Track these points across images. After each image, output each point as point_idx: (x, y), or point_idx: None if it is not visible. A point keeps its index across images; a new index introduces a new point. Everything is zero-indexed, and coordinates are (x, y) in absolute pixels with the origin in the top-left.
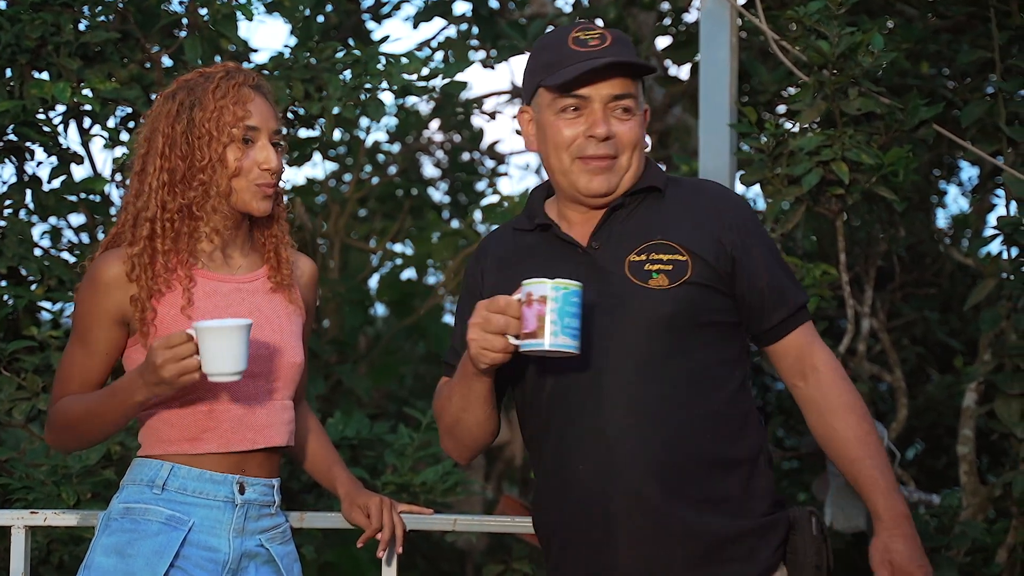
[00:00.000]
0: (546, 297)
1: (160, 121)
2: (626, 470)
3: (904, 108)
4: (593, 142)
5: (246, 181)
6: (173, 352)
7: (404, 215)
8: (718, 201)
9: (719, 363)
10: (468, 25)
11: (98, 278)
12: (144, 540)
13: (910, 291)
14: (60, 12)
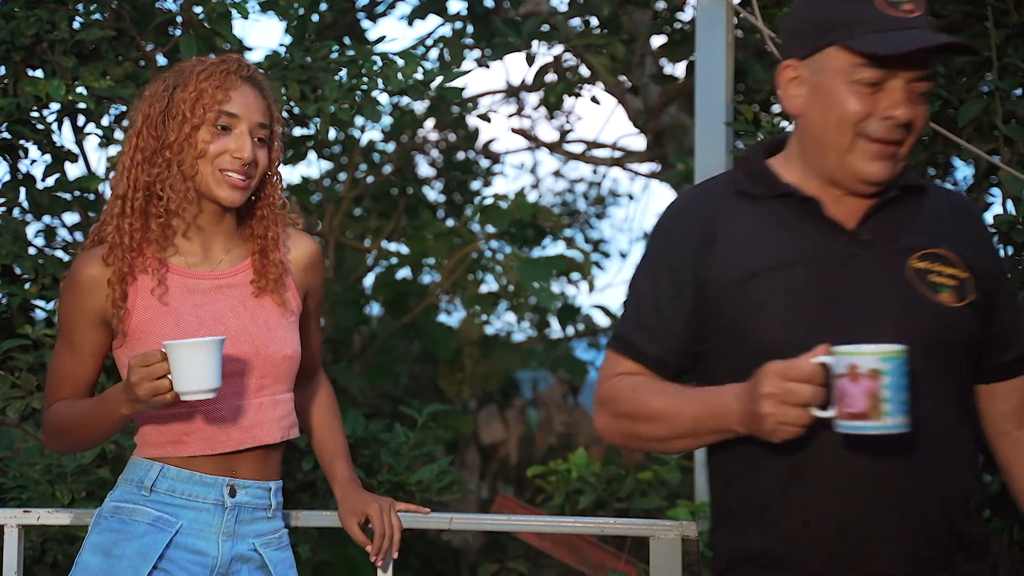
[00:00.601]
0: (878, 372)
1: (145, 102)
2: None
3: None
4: (888, 124)
5: (212, 166)
6: (148, 371)
7: (399, 214)
8: (979, 218)
9: (970, 395)
10: (463, 23)
11: (78, 278)
12: (130, 541)
13: None
14: (55, 9)
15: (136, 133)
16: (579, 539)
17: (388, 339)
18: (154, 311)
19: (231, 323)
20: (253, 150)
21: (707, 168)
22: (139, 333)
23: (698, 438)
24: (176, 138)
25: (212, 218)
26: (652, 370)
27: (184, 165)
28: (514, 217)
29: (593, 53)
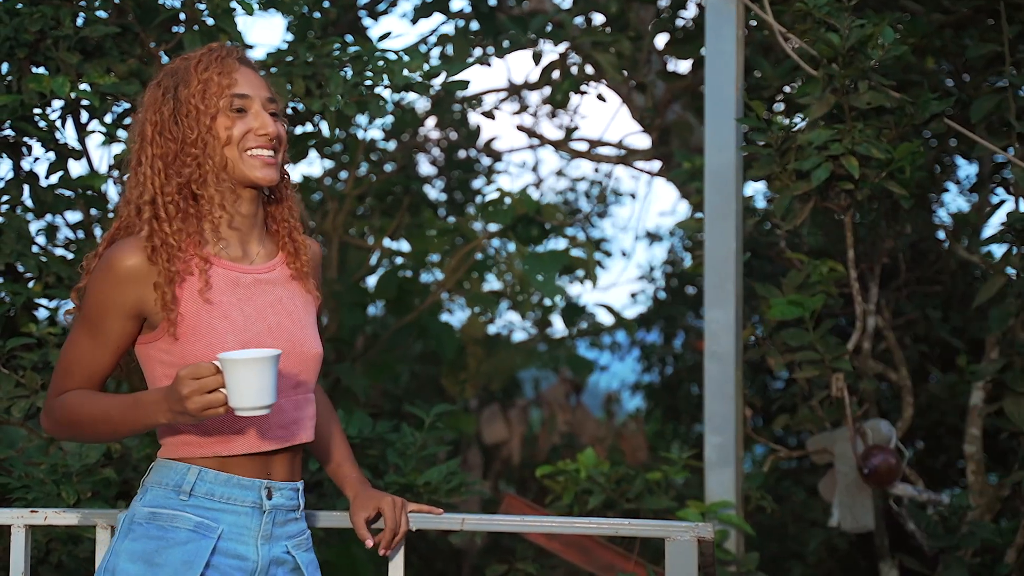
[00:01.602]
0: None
1: (148, 110)
2: None
3: (914, 102)
4: None
5: (239, 150)
6: (200, 384)
7: (402, 213)
8: None
9: None
10: (466, 21)
11: (116, 267)
12: (172, 548)
13: (914, 289)
14: (60, 6)
15: (149, 142)
16: (588, 540)
17: (390, 338)
18: (200, 306)
19: (271, 319)
20: (273, 123)
21: (716, 165)
22: (190, 332)
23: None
24: (197, 134)
25: (250, 207)
26: None
27: (215, 158)
28: (518, 213)
29: (600, 50)
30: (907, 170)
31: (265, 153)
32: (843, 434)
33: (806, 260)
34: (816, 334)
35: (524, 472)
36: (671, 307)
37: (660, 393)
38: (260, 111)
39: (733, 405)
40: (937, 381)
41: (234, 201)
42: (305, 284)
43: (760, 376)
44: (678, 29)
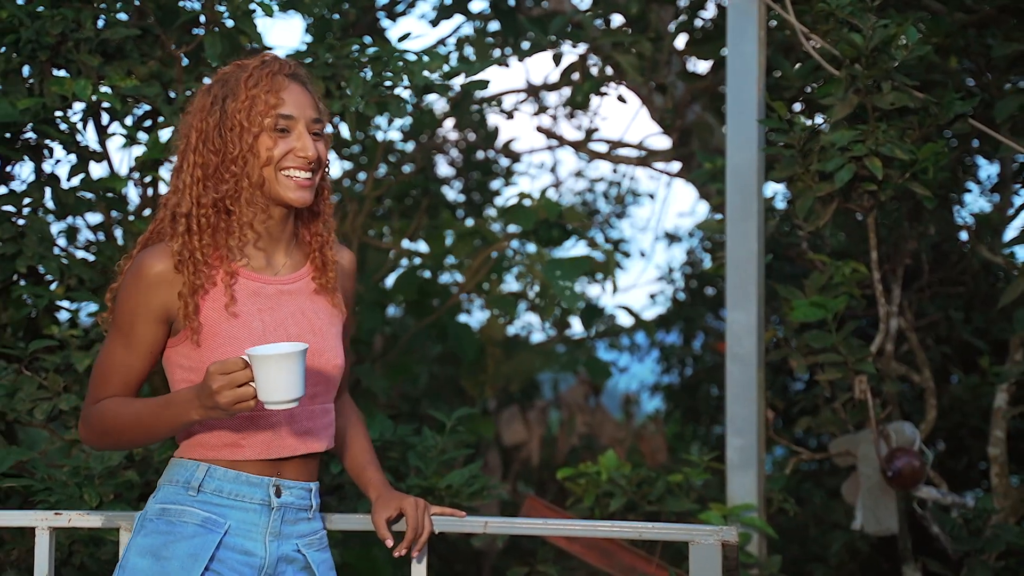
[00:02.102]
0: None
1: (195, 116)
2: None
3: (938, 103)
4: None
5: (277, 169)
6: (229, 379)
7: (421, 214)
8: None
9: None
10: (483, 22)
11: (144, 273)
12: (180, 542)
13: (937, 290)
14: (80, 8)
15: (192, 149)
16: (610, 542)
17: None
18: (221, 315)
19: (292, 329)
20: (315, 146)
21: (738, 166)
22: (210, 339)
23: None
24: (239, 151)
25: (279, 224)
26: None
27: (253, 176)
28: (539, 216)
29: (620, 51)
30: (931, 171)
31: (302, 175)
32: (866, 436)
33: (829, 261)
34: (839, 336)
35: (543, 474)
36: (690, 308)
37: (679, 394)
38: (303, 132)
39: (755, 407)
40: (959, 383)
41: (265, 220)
42: (331, 298)
43: (780, 378)
44: (697, 30)
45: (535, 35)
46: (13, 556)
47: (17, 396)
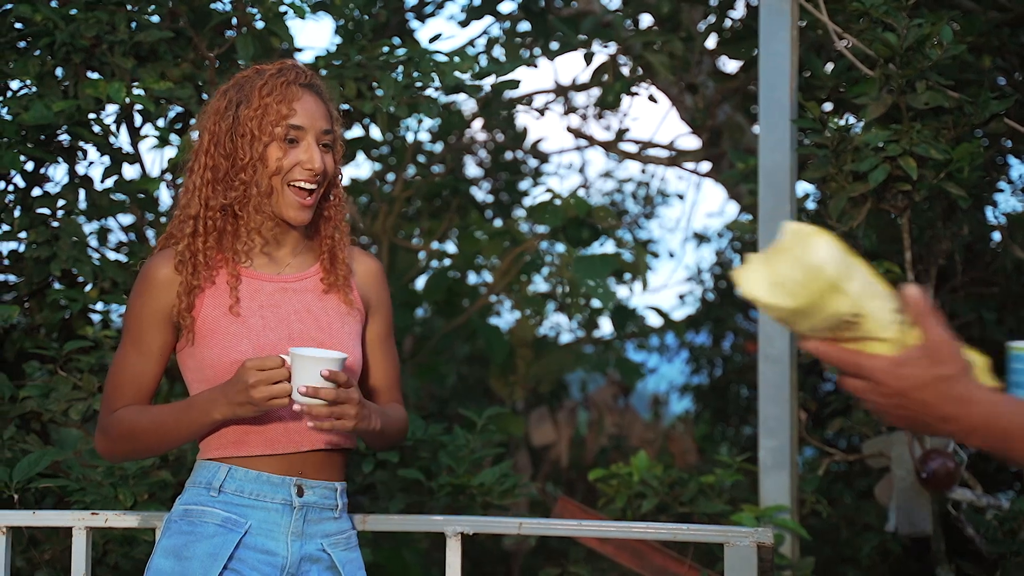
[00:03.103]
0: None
1: (209, 118)
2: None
3: (973, 102)
4: None
5: (284, 181)
6: (267, 375)
7: (451, 214)
8: None
9: None
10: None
11: (150, 278)
12: (200, 542)
13: (969, 291)
14: (114, 11)
15: (204, 151)
16: (642, 543)
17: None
18: (220, 312)
19: (295, 326)
20: (321, 159)
21: (770, 166)
22: (205, 333)
23: None
24: (249, 159)
25: (285, 230)
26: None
27: (262, 186)
28: (569, 215)
29: (651, 51)
30: (965, 170)
31: (306, 186)
32: (900, 438)
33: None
34: None
35: (572, 474)
36: (719, 308)
37: (708, 395)
38: (311, 144)
39: (788, 408)
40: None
41: (272, 227)
42: (343, 296)
43: (810, 379)
44: (725, 30)
45: (565, 35)
46: (47, 556)
47: (52, 396)
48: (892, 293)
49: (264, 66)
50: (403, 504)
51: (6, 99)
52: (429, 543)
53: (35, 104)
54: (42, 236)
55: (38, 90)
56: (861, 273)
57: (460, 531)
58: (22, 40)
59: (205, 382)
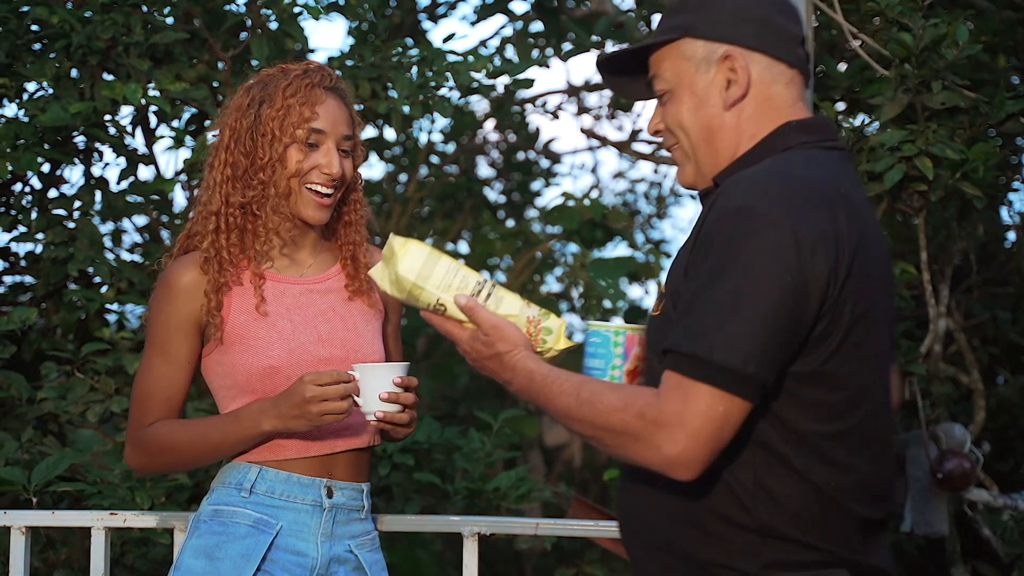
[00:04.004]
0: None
1: (231, 115)
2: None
3: (989, 102)
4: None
5: (301, 183)
6: (323, 391)
7: (464, 215)
8: (709, 214)
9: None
10: (524, 24)
11: (173, 285)
12: (232, 543)
13: (984, 290)
14: (130, 13)
15: (224, 148)
16: None
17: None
18: (249, 315)
19: (322, 327)
20: (340, 164)
21: None
22: (234, 338)
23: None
24: (268, 159)
25: (302, 229)
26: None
27: (280, 187)
28: (583, 217)
29: None
30: (981, 170)
31: (323, 190)
32: (915, 438)
33: None
34: None
35: (585, 474)
36: None
37: None
38: (331, 149)
39: None
40: (1006, 384)
41: (291, 228)
42: (367, 299)
43: None
44: None
45: (577, 36)
46: (63, 556)
47: (69, 398)
48: (474, 279)
49: (290, 66)
50: (419, 507)
51: (23, 101)
52: (443, 544)
53: (52, 106)
54: (59, 237)
55: (55, 92)
56: (442, 269)
57: (477, 531)
58: (39, 42)
59: (236, 387)
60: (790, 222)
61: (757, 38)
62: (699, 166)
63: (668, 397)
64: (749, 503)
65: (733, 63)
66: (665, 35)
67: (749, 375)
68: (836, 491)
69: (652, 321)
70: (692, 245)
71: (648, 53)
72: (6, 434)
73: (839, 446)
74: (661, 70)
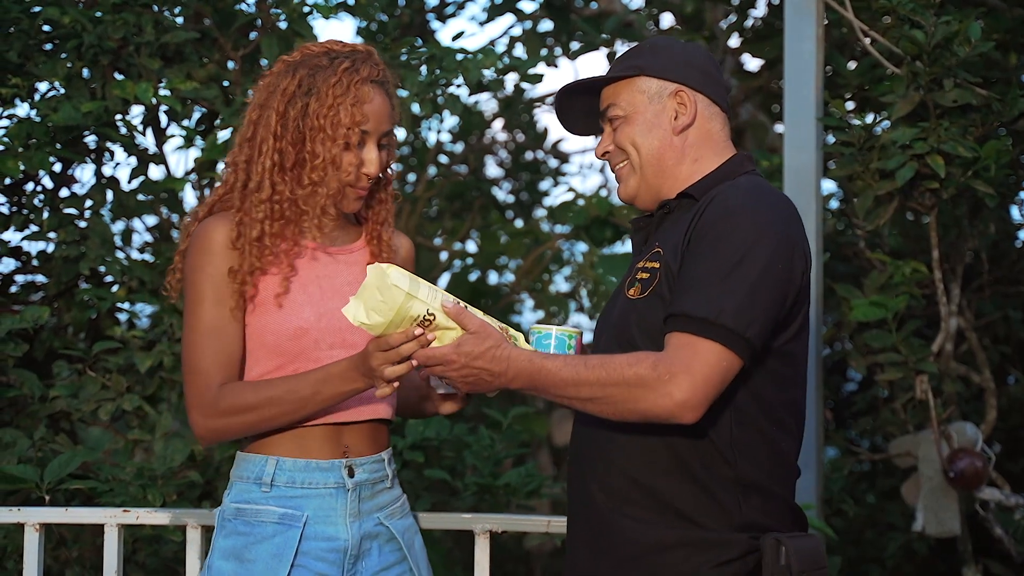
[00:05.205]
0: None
1: (275, 96)
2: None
3: (1002, 99)
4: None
5: (344, 181)
6: (386, 356)
7: (474, 214)
8: (707, 207)
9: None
10: (533, 23)
11: (212, 240)
12: (260, 544)
13: (996, 289)
14: (141, 13)
15: (272, 133)
16: None
17: None
18: (280, 279)
19: (349, 296)
20: (379, 160)
21: (796, 165)
22: (265, 300)
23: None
24: (323, 160)
25: (340, 215)
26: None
27: (331, 187)
28: (591, 214)
29: None
30: (992, 168)
31: (362, 188)
32: (927, 437)
33: (889, 261)
34: (899, 336)
35: None
36: None
37: None
38: (372, 148)
39: (814, 407)
40: (1016, 383)
41: (329, 220)
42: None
43: (833, 378)
44: (748, 29)
45: (587, 35)
46: (75, 554)
47: (80, 396)
48: (452, 298)
49: (334, 46)
50: (428, 504)
51: (35, 101)
52: (451, 542)
53: (63, 105)
54: (70, 236)
55: (66, 91)
56: (425, 286)
57: (489, 529)
58: (50, 42)
59: (264, 348)
60: (783, 224)
61: (701, 83)
62: (644, 179)
63: (678, 352)
64: (730, 457)
65: (683, 98)
66: (624, 72)
67: (749, 338)
68: (788, 451)
69: (628, 303)
70: (684, 240)
71: (603, 86)
72: (18, 432)
73: (787, 414)
74: (618, 100)
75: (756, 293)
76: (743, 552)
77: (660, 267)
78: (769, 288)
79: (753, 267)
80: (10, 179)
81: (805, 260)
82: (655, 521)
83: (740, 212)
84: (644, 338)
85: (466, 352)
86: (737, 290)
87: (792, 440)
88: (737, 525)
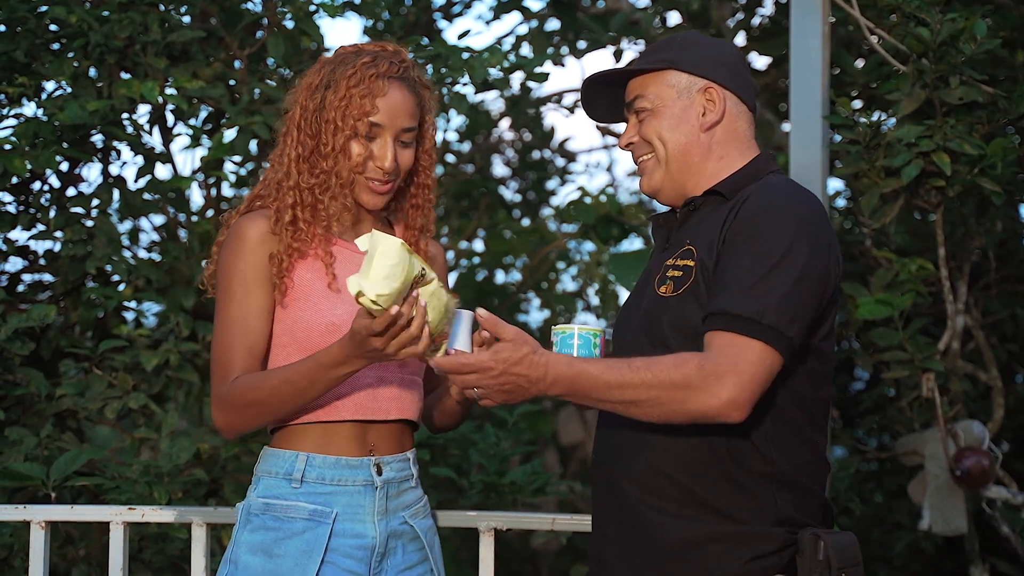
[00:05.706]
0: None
1: (304, 91)
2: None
3: (1008, 97)
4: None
5: (358, 172)
6: (391, 332)
7: (480, 213)
8: (742, 206)
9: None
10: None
11: (246, 236)
12: (290, 539)
13: (1003, 287)
14: (147, 12)
15: (296, 125)
16: None
17: None
18: (315, 275)
19: None
20: (394, 158)
21: (802, 164)
22: (299, 295)
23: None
24: (332, 148)
25: (361, 211)
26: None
27: (343, 176)
28: (600, 212)
29: None
30: (999, 166)
31: (377, 183)
32: (934, 435)
33: (895, 259)
34: (906, 333)
35: None
36: None
37: None
38: (387, 142)
39: None
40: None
41: (348, 218)
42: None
43: (839, 377)
44: (754, 27)
45: (593, 33)
46: (82, 552)
47: (87, 394)
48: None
49: (366, 46)
50: (434, 502)
51: (42, 100)
52: (458, 540)
53: (70, 104)
54: (77, 235)
55: (73, 90)
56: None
57: (494, 526)
58: (57, 41)
59: (295, 343)
60: (820, 224)
61: (731, 80)
62: (669, 174)
63: (723, 352)
64: (766, 453)
65: (712, 95)
66: (653, 64)
67: (791, 336)
68: (821, 446)
69: (659, 300)
70: (719, 238)
71: (630, 77)
72: (25, 430)
73: (820, 410)
74: (646, 92)
75: (797, 291)
76: (781, 546)
77: (695, 265)
78: (809, 286)
79: (794, 265)
80: (17, 178)
81: (839, 261)
82: (691, 516)
83: (778, 210)
84: (677, 336)
85: (504, 358)
86: (779, 288)
87: (824, 436)
88: (774, 519)
